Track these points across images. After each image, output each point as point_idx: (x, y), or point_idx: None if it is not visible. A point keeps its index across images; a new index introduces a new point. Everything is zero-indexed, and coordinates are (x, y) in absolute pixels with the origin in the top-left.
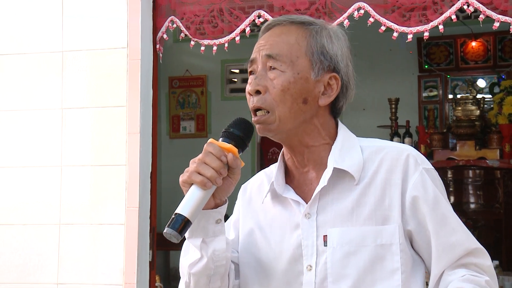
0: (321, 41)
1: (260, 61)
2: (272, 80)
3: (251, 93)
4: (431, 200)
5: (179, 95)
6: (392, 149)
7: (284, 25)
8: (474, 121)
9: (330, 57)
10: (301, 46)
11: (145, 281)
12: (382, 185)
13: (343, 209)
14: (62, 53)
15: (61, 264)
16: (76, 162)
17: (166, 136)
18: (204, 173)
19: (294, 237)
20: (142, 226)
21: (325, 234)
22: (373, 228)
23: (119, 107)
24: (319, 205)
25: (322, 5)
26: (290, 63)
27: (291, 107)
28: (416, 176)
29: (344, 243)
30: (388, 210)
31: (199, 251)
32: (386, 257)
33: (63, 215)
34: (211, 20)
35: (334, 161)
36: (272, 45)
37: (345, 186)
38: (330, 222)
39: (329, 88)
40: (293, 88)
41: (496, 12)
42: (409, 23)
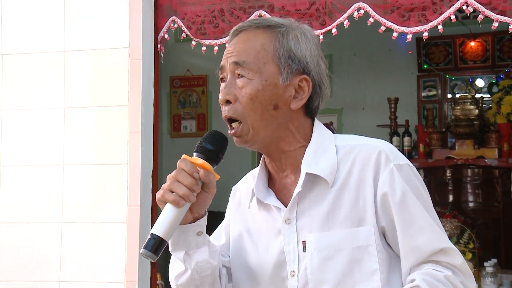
0: (288, 44)
1: (229, 68)
2: (241, 88)
3: (221, 102)
4: (398, 198)
5: (180, 95)
6: (364, 147)
7: (250, 30)
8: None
9: (299, 59)
10: (267, 51)
11: (146, 279)
12: (355, 186)
13: (319, 214)
14: (64, 53)
15: (63, 262)
16: (78, 161)
17: (167, 135)
18: (176, 191)
19: (278, 243)
20: (144, 224)
21: (304, 239)
22: (349, 231)
23: (120, 107)
24: (298, 210)
25: (322, 5)
26: (257, 70)
27: (262, 115)
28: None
29: (321, 248)
30: (363, 211)
31: (182, 264)
32: (364, 259)
33: (65, 214)
34: (212, 20)
35: (307, 165)
36: (239, 52)
37: (320, 190)
38: (308, 227)
39: (300, 90)
40: (261, 96)
41: (495, 12)
42: (408, 23)
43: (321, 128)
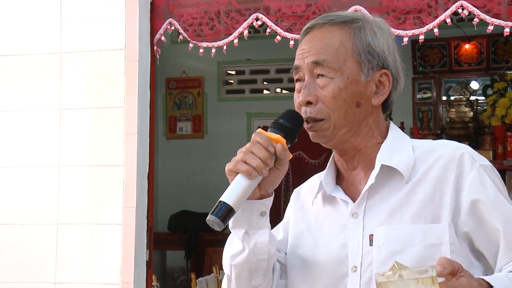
0: (366, 39)
1: (306, 68)
2: (322, 88)
3: (302, 104)
4: (492, 198)
5: (175, 96)
6: (447, 147)
7: (325, 27)
8: (467, 123)
9: (378, 54)
10: (347, 48)
11: (142, 281)
12: (433, 183)
13: (390, 207)
14: (60, 54)
15: (59, 264)
16: (74, 163)
17: (163, 137)
18: (250, 162)
19: (341, 238)
20: (139, 226)
21: (371, 233)
22: (421, 227)
23: (116, 108)
24: (367, 204)
25: (319, 8)
26: (338, 68)
27: (346, 113)
28: (473, 174)
29: (390, 242)
30: (438, 209)
31: (241, 243)
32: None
33: (61, 215)
34: (209, 23)
35: (382, 158)
36: (317, 51)
37: (394, 185)
38: (377, 221)
39: (380, 85)
40: (344, 94)
41: (490, 15)
42: (404, 26)
43: (397, 128)
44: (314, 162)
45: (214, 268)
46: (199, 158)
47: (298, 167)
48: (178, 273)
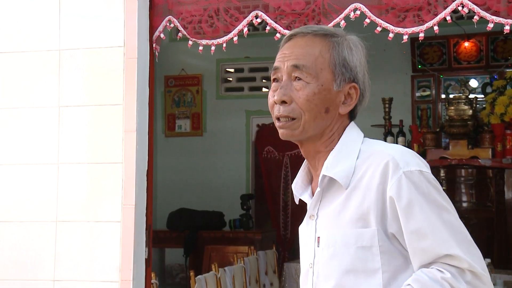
0: (343, 53)
1: (285, 71)
2: (298, 90)
3: (277, 102)
4: (403, 204)
5: (174, 94)
6: (378, 154)
7: (308, 36)
8: (466, 121)
9: (351, 68)
10: (324, 58)
11: (141, 278)
12: (363, 190)
13: (332, 212)
14: (59, 51)
15: (57, 261)
16: (73, 160)
17: (162, 135)
18: None
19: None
20: (138, 223)
21: (319, 235)
22: (354, 231)
23: (115, 105)
24: (320, 207)
25: (319, 5)
26: (315, 75)
27: (315, 116)
28: (393, 180)
29: (331, 244)
30: (367, 214)
31: None
32: (367, 258)
33: (59, 213)
34: (208, 20)
35: (326, 168)
36: (298, 56)
37: (336, 191)
38: (324, 224)
39: (348, 97)
40: (317, 99)
41: (489, 13)
42: (404, 24)
43: (351, 132)
44: None
45: (213, 266)
46: (198, 155)
47: (298, 165)
48: (177, 271)
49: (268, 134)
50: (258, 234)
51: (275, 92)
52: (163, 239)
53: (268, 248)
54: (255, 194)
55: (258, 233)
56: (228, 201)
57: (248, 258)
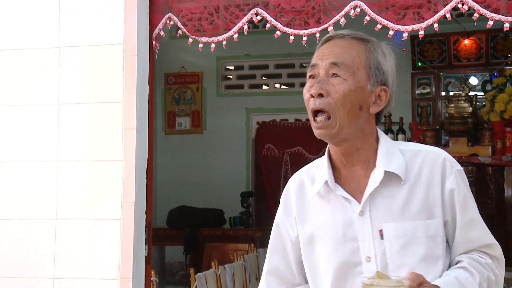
0: (377, 57)
1: (323, 67)
2: (335, 86)
3: (314, 95)
4: (461, 197)
5: (174, 91)
6: (430, 153)
7: (346, 39)
8: (466, 118)
9: (383, 72)
10: (361, 59)
11: (140, 276)
12: (426, 185)
13: (394, 206)
14: (58, 49)
15: (57, 259)
16: (73, 157)
17: (162, 132)
18: None
19: (349, 232)
20: (138, 221)
21: (381, 228)
22: (422, 222)
23: (115, 103)
24: (371, 203)
25: (319, 3)
26: (351, 73)
27: (349, 112)
28: (452, 177)
29: (400, 235)
30: (432, 206)
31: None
32: (434, 247)
33: (59, 210)
34: (208, 17)
35: (383, 164)
36: (337, 55)
37: (393, 186)
38: (383, 218)
39: (378, 99)
40: (353, 95)
41: (489, 10)
42: (404, 22)
43: (384, 134)
44: (313, 157)
45: (213, 263)
46: (198, 153)
47: (297, 162)
48: (177, 268)
49: (268, 132)
50: (258, 231)
51: (311, 87)
52: (163, 237)
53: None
54: (255, 191)
55: (258, 231)
56: (228, 198)
57: (248, 256)
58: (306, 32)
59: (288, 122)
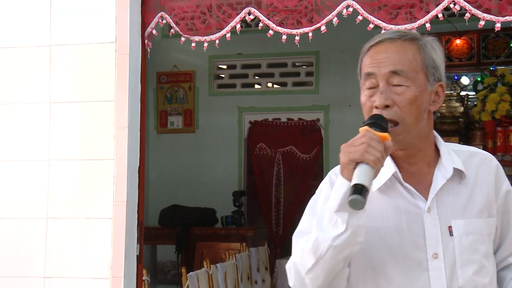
0: (431, 54)
1: (382, 76)
2: (399, 95)
3: (379, 107)
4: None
5: (166, 90)
6: (482, 155)
7: (397, 42)
8: (458, 118)
9: (438, 68)
10: (418, 61)
11: (132, 275)
12: (484, 184)
13: (460, 203)
14: (50, 47)
15: (48, 258)
16: (64, 156)
17: (154, 131)
18: (374, 153)
19: (412, 227)
20: (130, 220)
21: (449, 225)
22: (485, 220)
23: (107, 102)
24: (437, 199)
25: (311, 2)
26: (412, 78)
27: (417, 117)
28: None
29: (469, 232)
30: (491, 205)
31: (345, 225)
32: (490, 245)
33: (50, 209)
34: (200, 16)
35: (449, 161)
36: (394, 62)
37: (456, 183)
38: (451, 215)
39: (436, 96)
40: (418, 100)
41: (481, 10)
42: (396, 21)
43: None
44: (305, 157)
45: (205, 262)
46: (190, 152)
47: (290, 161)
48: (168, 267)
49: (260, 131)
50: (250, 231)
51: (371, 97)
52: (155, 236)
53: (260, 245)
54: (247, 190)
55: (250, 230)
56: (220, 197)
57: (240, 255)
58: (299, 32)
59: (281, 121)
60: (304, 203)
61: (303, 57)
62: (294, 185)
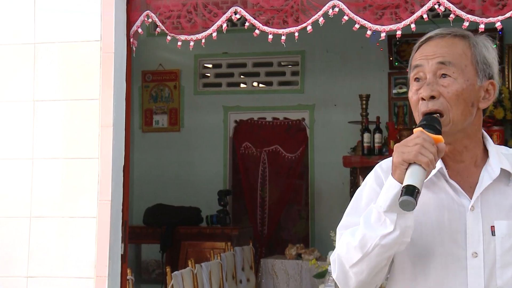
0: (482, 51)
1: (430, 68)
2: (446, 87)
3: (425, 98)
4: None
5: (152, 89)
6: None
7: (447, 37)
8: None
9: (489, 65)
10: (467, 56)
11: (116, 274)
12: None
13: (505, 205)
14: (34, 45)
15: (31, 257)
16: (48, 155)
17: (139, 130)
18: (427, 155)
19: (454, 224)
20: (114, 219)
21: (492, 225)
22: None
23: (92, 100)
24: (482, 198)
25: (297, 2)
26: (460, 71)
27: (463, 110)
28: None
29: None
30: None
31: (393, 225)
32: None
33: (34, 208)
34: (186, 15)
35: (497, 161)
36: (443, 54)
37: (503, 184)
38: (494, 215)
39: (487, 93)
40: (465, 93)
41: (465, 11)
42: (382, 22)
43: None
44: (290, 156)
45: (189, 261)
46: (175, 151)
47: (275, 161)
48: (153, 266)
49: (245, 130)
50: (235, 230)
51: (418, 90)
52: (139, 235)
53: (245, 244)
54: (232, 190)
55: (235, 229)
56: (205, 197)
57: (224, 254)
58: (285, 31)
59: (266, 120)
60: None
61: (289, 57)
62: (279, 184)
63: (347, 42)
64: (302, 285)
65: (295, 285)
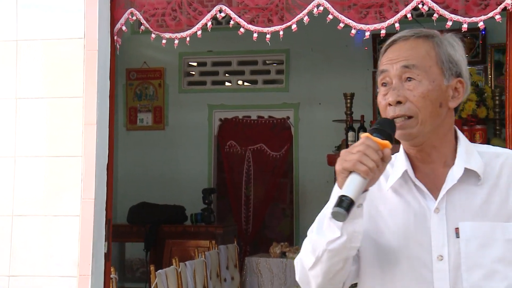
0: (447, 50)
1: (395, 73)
2: (412, 90)
3: (392, 103)
4: None
5: (136, 87)
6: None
7: (411, 39)
8: None
9: (456, 63)
10: (431, 56)
11: (100, 273)
12: (505, 187)
13: (472, 205)
14: (16, 42)
15: (13, 256)
16: (31, 153)
17: (123, 128)
18: (366, 163)
19: (419, 227)
20: (98, 217)
21: (456, 227)
22: (501, 224)
23: (75, 98)
24: (447, 200)
25: (282, 1)
26: (425, 73)
27: (432, 111)
28: None
29: (477, 235)
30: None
31: (339, 230)
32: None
33: (16, 206)
34: (171, 13)
35: (463, 161)
36: (407, 57)
37: (471, 185)
38: (460, 216)
39: (456, 91)
40: (431, 95)
41: (448, 11)
42: (366, 21)
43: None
44: (275, 154)
45: (173, 260)
46: (159, 149)
47: (259, 159)
48: (137, 265)
49: (230, 128)
50: (220, 228)
51: (385, 95)
52: (123, 233)
53: (229, 242)
54: (217, 188)
55: (220, 228)
56: (189, 195)
57: (209, 253)
58: (270, 30)
59: (251, 119)
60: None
61: (274, 55)
62: (264, 182)
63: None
64: (286, 283)
65: (280, 283)
